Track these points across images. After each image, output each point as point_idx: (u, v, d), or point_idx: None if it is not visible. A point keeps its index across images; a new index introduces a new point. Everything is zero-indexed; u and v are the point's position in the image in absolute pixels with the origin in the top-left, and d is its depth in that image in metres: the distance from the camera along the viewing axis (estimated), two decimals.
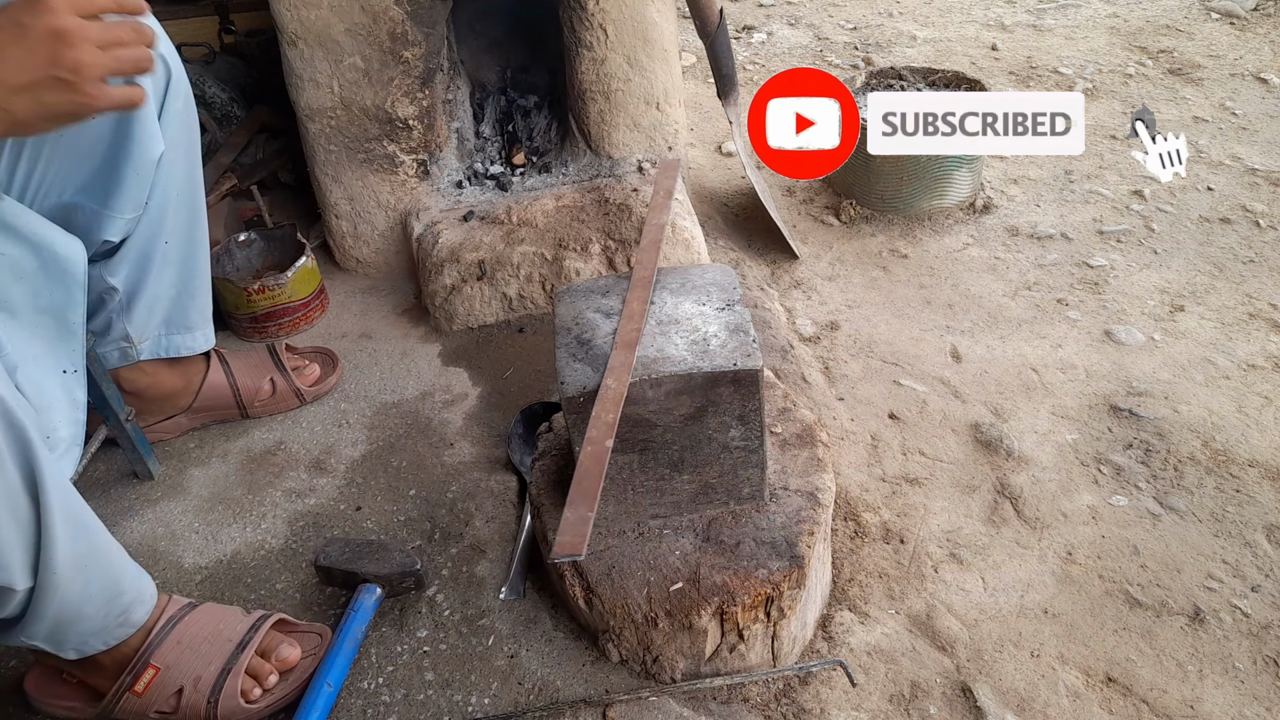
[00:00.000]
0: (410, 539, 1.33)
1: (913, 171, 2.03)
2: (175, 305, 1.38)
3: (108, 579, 1.01)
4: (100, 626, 1.02)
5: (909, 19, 3.23)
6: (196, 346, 1.43)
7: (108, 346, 1.36)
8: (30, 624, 0.95)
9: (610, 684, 1.10)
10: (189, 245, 1.35)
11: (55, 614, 0.95)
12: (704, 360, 1.01)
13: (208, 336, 1.45)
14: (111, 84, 0.88)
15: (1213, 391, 1.57)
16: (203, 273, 1.40)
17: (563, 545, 0.86)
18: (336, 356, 1.65)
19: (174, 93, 1.23)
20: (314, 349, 1.66)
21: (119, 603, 1.03)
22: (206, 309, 1.44)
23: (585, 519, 0.88)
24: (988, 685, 1.12)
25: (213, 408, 1.52)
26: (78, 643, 1.01)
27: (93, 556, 0.98)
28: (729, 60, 1.98)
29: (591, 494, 0.91)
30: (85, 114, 0.88)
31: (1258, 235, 1.98)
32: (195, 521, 1.38)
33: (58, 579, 0.93)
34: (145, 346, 1.38)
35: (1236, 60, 2.73)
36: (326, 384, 1.60)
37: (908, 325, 1.78)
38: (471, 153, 1.96)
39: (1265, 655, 1.15)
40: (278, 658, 1.11)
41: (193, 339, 1.42)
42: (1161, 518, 1.34)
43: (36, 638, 0.97)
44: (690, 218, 1.79)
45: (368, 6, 1.66)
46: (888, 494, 1.40)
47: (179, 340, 1.41)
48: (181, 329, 1.41)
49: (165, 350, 1.41)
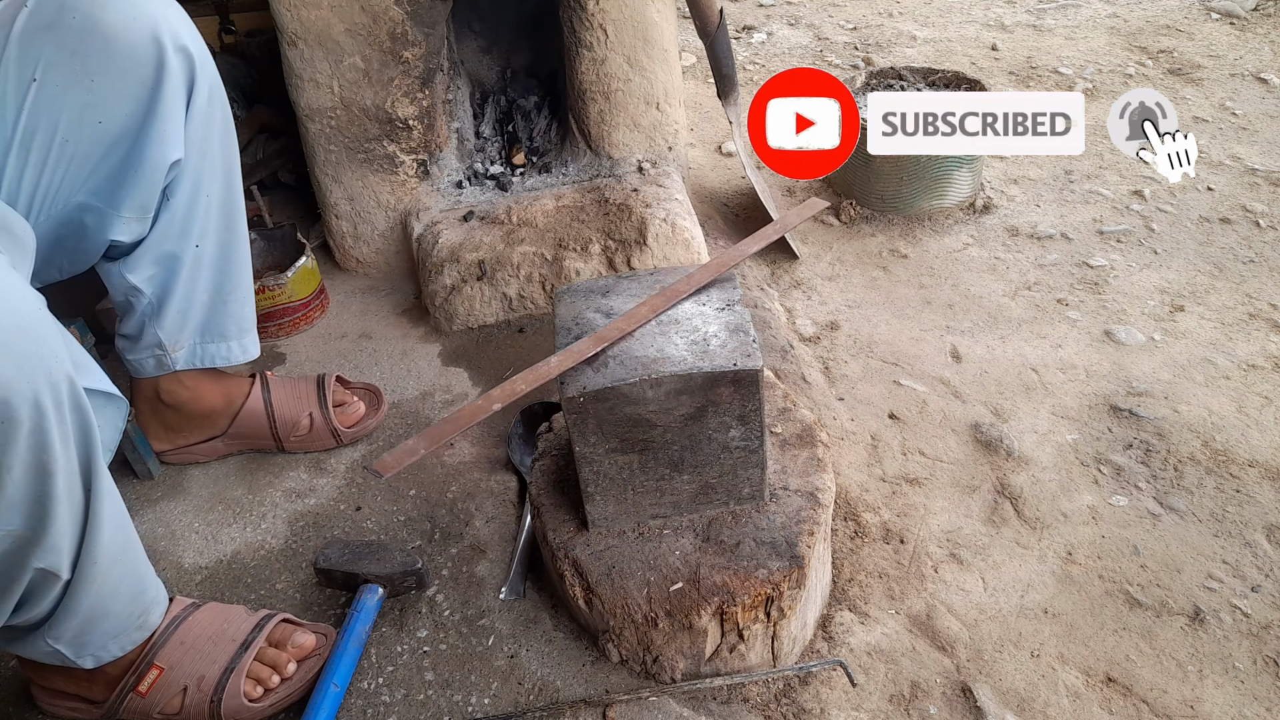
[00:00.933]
0: (410, 539, 1.33)
1: (913, 171, 2.03)
2: (210, 311, 1.33)
3: (136, 576, 1.02)
4: (122, 628, 1.02)
5: (909, 19, 3.23)
6: (233, 358, 1.37)
7: (142, 354, 1.33)
8: (59, 623, 0.95)
9: (610, 684, 1.10)
10: (224, 249, 1.30)
11: (87, 610, 0.95)
12: (704, 360, 1.01)
13: (245, 348, 1.39)
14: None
15: (1213, 391, 1.57)
16: (240, 278, 1.34)
17: (383, 463, 0.94)
18: (383, 396, 1.55)
19: (199, 89, 1.19)
20: (364, 385, 1.57)
21: (141, 601, 1.03)
22: (245, 318, 1.37)
23: (415, 451, 0.95)
24: (988, 685, 1.12)
25: (248, 435, 1.46)
26: (98, 646, 1.01)
27: (127, 550, 0.98)
28: (729, 60, 1.98)
29: (441, 435, 0.97)
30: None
31: (1258, 235, 1.98)
32: (195, 521, 1.38)
33: (97, 570, 0.93)
34: (181, 356, 1.34)
35: (1236, 60, 2.73)
36: (365, 426, 1.50)
37: (908, 325, 1.78)
38: (471, 153, 1.96)
39: (1265, 655, 1.15)
40: (294, 644, 1.12)
41: (228, 349, 1.37)
42: (1161, 518, 1.34)
43: (62, 639, 0.96)
44: (690, 217, 1.79)
45: (368, 6, 1.66)
46: (888, 494, 1.40)
47: (214, 349, 1.36)
48: (216, 338, 1.35)
49: (201, 360, 1.35)
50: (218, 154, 1.25)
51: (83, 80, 1.08)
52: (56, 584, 0.91)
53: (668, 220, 1.71)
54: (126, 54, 1.10)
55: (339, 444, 1.49)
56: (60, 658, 0.99)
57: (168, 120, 1.16)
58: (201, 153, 1.22)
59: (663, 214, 1.72)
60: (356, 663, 1.13)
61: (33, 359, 0.79)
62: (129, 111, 1.13)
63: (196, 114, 1.20)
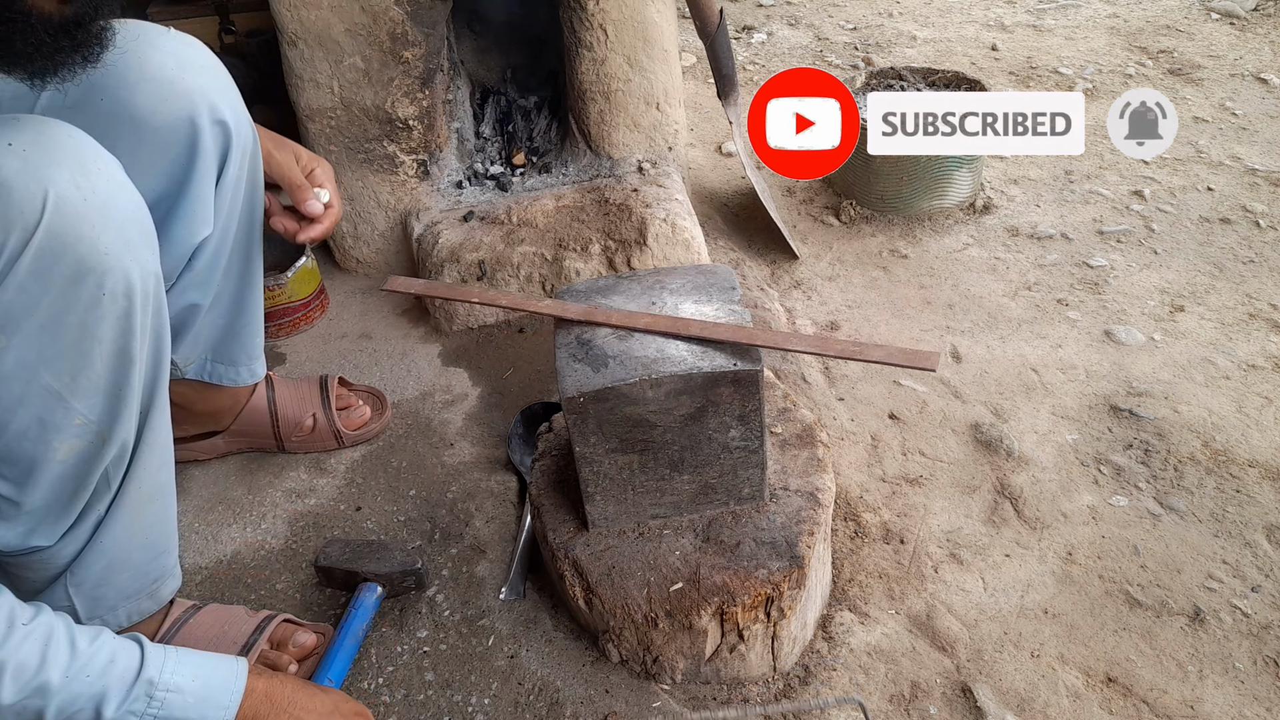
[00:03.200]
0: (410, 539, 1.33)
1: (913, 171, 2.03)
2: (221, 339, 1.33)
3: (163, 525, 1.03)
4: (136, 586, 1.03)
5: (909, 19, 3.23)
6: (240, 380, 1.38)
7: None
8: (85, 564, 0.96)
9: (610, 684, 1.10)
10: (240, 285, 1.30)
11: (113, 551, 0.97)
12: (704, 360, 1.01)
13: (253, 371, 1.39)
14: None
15: (1213, 392, 1.57)
16: (252, 311, 1.35)
17: (393, 282, 1.01)
18: (386, 400, 1.55)
19: (232, 160, 1.15)
20: (367, 389, 1.56)
21: (160, 563, 1.04)
22: (254, 347, 1.38)
23: (426, 289, 1.06)
24: (988, 685, 1.12)
25: (250, 434, 1.45)
26: (109, 607, 1.01)
27: (165, 489, 1.00)
28: (729, 60, 1.98)
29: (443, 292, 1.24)
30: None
31: (1258, 235, 1.98)
32: (195, 521, 1.38)
33: (139, 494, 0.96)
34: (190, 369, 1.34)
35: (1236, 60, 2.73)
36: (369, 430, 1.50)
37: (908, 325, 1.78)
38: (471, 153, 1.96)
39: (1265, 655, 1.15)
40: (295, 644, 1.12)
41: (236, 373, 1.37)
42: (1161, 518, 1.34)
43: (83, 586, 0.98)
44: (690, 218, 1.79)
45: (368, 6, 1.66)
46: (888, 494, 1.40)
47: (222, 370, 1.36)
48: (226, 361, 1.36)
49: (209, 376, 1.36)
50: (243, 208, 1.23)
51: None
52: (106, 497, 0.94)
53: (668, 220, 1.71)
54: (158, 138, 1.07)
55: (340, 445, 1.49)
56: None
57: (199, 199, 1.13)
58: (230, 214, 1.20)
59: (663, 214, 1.72)
60: (353, 660, 1.13)
61: (135, 245, 0.86)
62: (159, 188, 1.10)
63: (228, 184, 1.17)
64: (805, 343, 1.13)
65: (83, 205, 0.81)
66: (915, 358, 1.01)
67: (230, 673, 0.91)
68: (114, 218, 0.84)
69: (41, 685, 0.79)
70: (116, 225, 0.84)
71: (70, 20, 0.79)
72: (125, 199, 0.87)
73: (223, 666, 0.92)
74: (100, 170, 0.85)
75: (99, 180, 0.84)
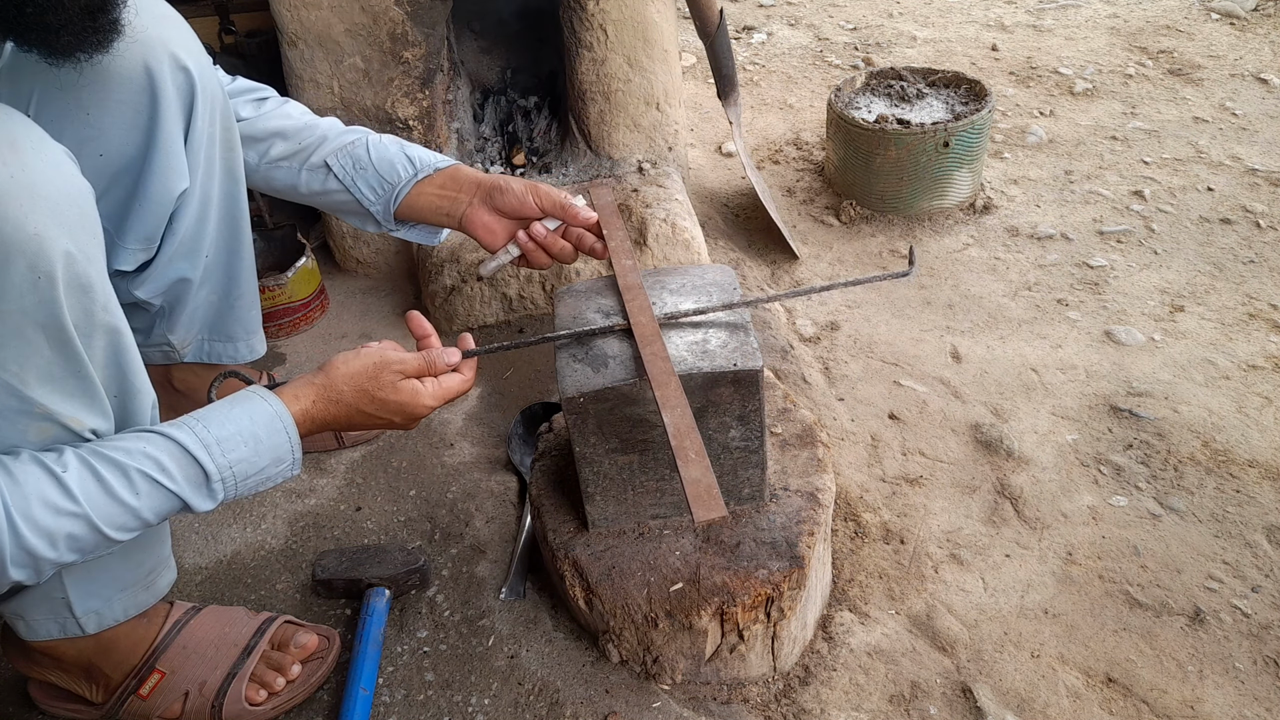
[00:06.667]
0: (410, 539, 1.33)
1: (913, 172, 2.03)
2: (216, 314, 1.33)
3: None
4: (132, 576, 1.01)
5: (909, 19, 3.23)
6: (239, 357, 1.38)
7: (150, 348, 1.32)
8: None
9: (610, 684, 1.10)
10: (229, 256, 1.29)
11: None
12: (704, 361, 1.01)
13: (251, 347, 1.39)
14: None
15: (1213, 392, 1.57)
16: (246, 284, 1.34)
17: (701, 503, 0.84)
18: None
19: (198, 111, 1.14)
20: None
21: (156, 553, 1.03)
22: (251, 321, 1.38)
23: (709, 478, 0.87)
24: (988, 686, 1.12)
25: None
26: (104, 598, 1.00)
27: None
28: (729, 61, 1.98)
29: (699, 451, 0.89)
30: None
31: (1258, 235, 1.98)
32: (195, 521, 1.38)
33: None
34: (188, 351, 1.34)
35: (1236, 60, 2.73)
36: (370, 430, 1.47)
37: (908, 325, 1.78)
38: (472, 153, 1.96)
39: (1265, 655, 1.15)
40: (296, 645, 1.12)
41: (234, 349, 1.37)
42: (1162, 518, 1.34)
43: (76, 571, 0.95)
44: (690, 218, 1.79)
45: (368, 7, 1.66)
46: (888, 494, 1.40)
47: (220, 348, 1.36)
48: (223, 338, 1.36)
49: (207, 356, 1.36)
50: (220, 168, 1.22)
51: (78, 114, 1.04)
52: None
53: (668, 220, 1.72)
54: (121, 85, 1.06)
55: (340, 446, 1.49)
56: (64, 613, 0.98)
57: (169, 151, 1.12)
58: (206, 173, 1.19)
59: (663, 214, 1.72)
60: (378, 665, 1.13)
61: (72, 228, 0.82)
62: (130, 142, 1.09)
63: (198, 136, 1.16)
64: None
65: (9, 183, 0.77)
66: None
67: (270, 414, 0.98)
68: (47, 197, 0.80)
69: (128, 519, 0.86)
70: (49, 205, 0.80)
71: (96, 6, 0.83)
72: (62, 180, 0.83)
73: (260, 417, 0.97)
74: (33, 149, 0.81)
75: (30, 158, 0.80)
